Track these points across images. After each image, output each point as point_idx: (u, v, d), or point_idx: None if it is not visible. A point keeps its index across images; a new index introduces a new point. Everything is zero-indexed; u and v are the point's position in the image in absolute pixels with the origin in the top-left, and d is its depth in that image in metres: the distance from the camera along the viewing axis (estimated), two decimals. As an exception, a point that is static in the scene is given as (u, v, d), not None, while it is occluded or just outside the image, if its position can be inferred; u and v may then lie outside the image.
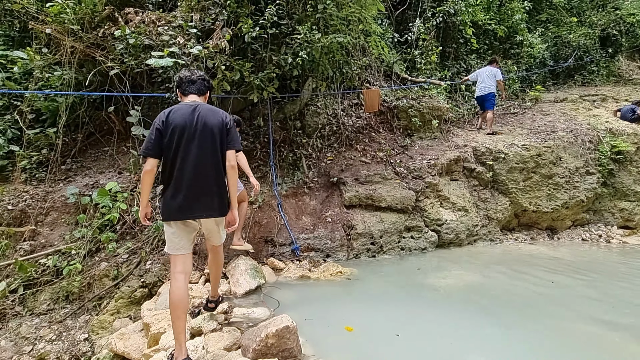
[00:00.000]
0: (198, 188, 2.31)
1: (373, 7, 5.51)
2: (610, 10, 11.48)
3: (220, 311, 2.94)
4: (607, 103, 9.64)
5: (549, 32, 11.14)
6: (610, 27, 10.86)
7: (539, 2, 11.52)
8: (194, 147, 2.29)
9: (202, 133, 2.32)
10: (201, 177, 2.31)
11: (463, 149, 6.35)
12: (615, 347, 2.71)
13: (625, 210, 6.83)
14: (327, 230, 4.85)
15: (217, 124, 2.36)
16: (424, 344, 2.72)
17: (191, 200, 2.30)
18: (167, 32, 4.65)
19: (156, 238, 4.17)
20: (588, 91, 10.35)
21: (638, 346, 2.70)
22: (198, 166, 2.30)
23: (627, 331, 2.91)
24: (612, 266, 4.99)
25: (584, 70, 11.22)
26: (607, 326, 3.01)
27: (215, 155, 2.35)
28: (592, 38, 10.83)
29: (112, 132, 5.23)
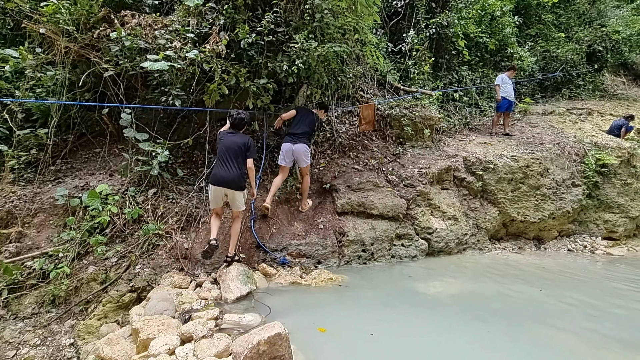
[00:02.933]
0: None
1: (369, 18, 5.60)
2: (597, 27, 11.87)
3: (210, 317, 2.93)
4: (593, 117, 9.93)
5: (538, 46, 11.44)
6: (596, 43, 11.22)
7: (528, 17, 11.84)
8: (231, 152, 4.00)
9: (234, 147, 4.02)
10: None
11: (454, 159, 6.46)
12: (596, 357, 2.78)
13: (609, 222, 7.02)
14: (318, 237, 4.86)
15: (242, 144, 4.02)
16: (416, 351, 2.75)
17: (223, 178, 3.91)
18: (163, 36, 4.66)
19: (146, 242, 4.13)
20: (575, 105, 10.65)
21: (618, 356, 2.77)
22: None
23: (608, 340, 2.99)
24: (596, 277, 5.12)
25: (571, 84, 11.55)
26: (589, 335, 3.09)
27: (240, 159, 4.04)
28: (579, 53, 11.18)
29: (104, 134, 5.18)
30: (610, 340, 3.00)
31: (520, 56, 10.19)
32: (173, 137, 5.27)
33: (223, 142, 4.03)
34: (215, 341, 2.51)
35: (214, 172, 3.94)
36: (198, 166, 5.24)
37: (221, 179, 3.87)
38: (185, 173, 5.13)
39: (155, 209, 4.47)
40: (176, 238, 4.23)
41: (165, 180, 4.80)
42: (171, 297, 3.32)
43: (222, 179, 3.87)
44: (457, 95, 8.68)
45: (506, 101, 7.75)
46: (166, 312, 3.08)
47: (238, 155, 3.97)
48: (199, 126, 5.33)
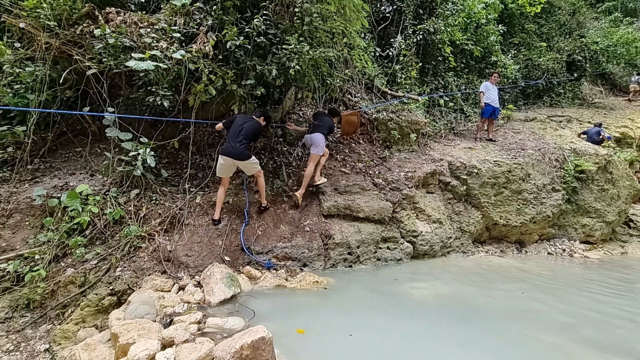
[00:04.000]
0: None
1: (357, 22, 5.64)
2: (576, 37, 12.31)
3: (193, 321, 2.88)
4: (572, 124, 10.27)
5: (521, 54, 11.77)
6: (575, 53, 11.63)
7: (512, 26, 12.17)
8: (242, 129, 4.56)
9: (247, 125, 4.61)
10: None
11: (439, 163, 6.56)
12: (578, 357, 2.85)
13: (586, 226, 7.25)
14: (304, 240, 4.85)
15: (254, 124, 4.66)
16: (401, 353, 2.76)
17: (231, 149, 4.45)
18: (149, 35, 4.58)
19: (128, 244, 4.04)
20: (555, 112, 10.99)
21: (594, 355, 2.85)
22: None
23: (585, 343, 3.07)
24: (575, 279, 5.26)
25: (552, 92, 11.92)
26: (568, 337, 3.17)
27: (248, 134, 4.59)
28: (559, 62, 11.56)
29: (86, 133, 5.05)
30: (587, 342, 3.08)
31: (504, 64, 10.46)
32: (158, 137, 5.18)
33: (237, 120, 4.62)
34: (197, 346, 2.46)
35: (225, 145, 4.58)
36: (183, 167, 5.17)
37: (230, 152, 4.44)
38: (169, 174, 5.04)
39: (137, 210, 4.38)
40: (159, 240, 4.14)
41: (149, 181, 4.71)
42: (152, 301, 3.24)
43: (231, 153, 4.43)
44: (443, 101, 8.83)
45: (490, 107, 7.94)
46: (147, 316, 3.01)
47: (248, 136, 4.55)
48: (184, 127, 5.26)
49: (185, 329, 2.70)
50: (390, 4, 8.48)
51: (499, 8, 10.81)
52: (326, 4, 5.16)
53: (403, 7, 8.38)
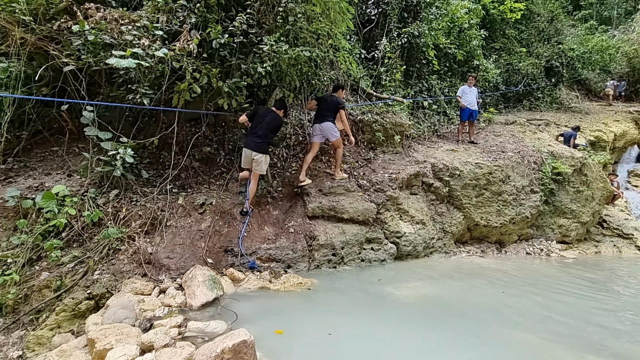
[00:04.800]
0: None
1: (342, 24, 5.68)
2: (554, 44, 12.73)
3: (173, 325, 2.83)
4: (550, 128, 10.61)
5: (502, 59, 12.09)
6: (553, 59, 12.03)
7: (493, 31, 12.48)
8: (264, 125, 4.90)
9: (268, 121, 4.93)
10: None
11: (422, 165, 6.66)
12: (554, 354, 2.93)
13: (563, 227, 7.50)
14: (289, 241, 4.84)
15: (275, 120, 5.00)
16: (380, 352, 2.79)
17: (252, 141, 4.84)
18: (130, 32, 4.48)
19: (107, 246, 3.93)
20: (534, 116, 11.34)
21: (570, 353, 2.95)
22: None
23: (561, 340, 3.17)
24: (551, 278, 5.43)
25: (531, 97, 12.29)
26: (545, 335, 3.26)
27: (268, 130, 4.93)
28: (538, 67, 11.93)
29: (63, 132, 4.90)
30: (562, 340, 3.18)
31: (486, 68, 10.72)
32: (139, 136, 5.07)
33: (258, 114, 4.93)
34: (178, 350, 2.42)
35: (246, 139, 4.93)
36: (165, 167, 5.07)
37: (250, 145, 4.81)
38: (150, 174, 4.94)
39: (117, 212, 4.27)
40: (139, 242, 4.05)
41: (129, 182, 4.60)
42: (132, 305, 3.17)
43: (251, 146, 4.80)
44: (427, 103, 8.97)
45: (467, 110, 8.11)
46: (126, 320, 2.94)
47: (268, 132, 4.90)
48: (166, 126, 5.16)
49: (165, 333, 2.65)
50: (376, 7, 8.56)
51: (481, 13, 11.07)
52: (311, 5, 5.17)
53: (388, 10, 8.47)
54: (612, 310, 4.07)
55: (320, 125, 5.58)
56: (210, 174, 5.39)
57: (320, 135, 5.64)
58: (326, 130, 5.54)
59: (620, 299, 4.61)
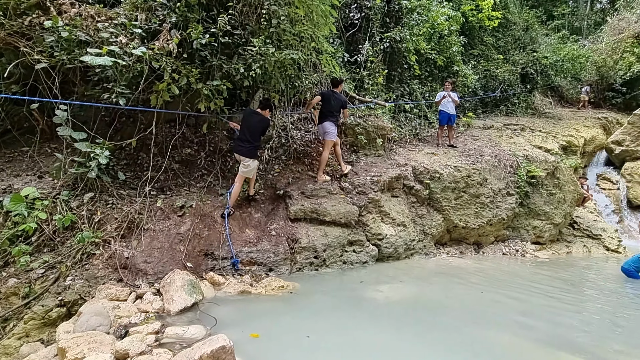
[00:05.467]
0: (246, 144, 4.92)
1: (325, 27, 5.71)
2: (529, 52, 13.22)
3: (150, 331, 2.75)
4: (525, 132, 10.99)
5: (480, 65, 12.45)
6: (528, 66, 12.48)
7: (472, 38, 12.85)
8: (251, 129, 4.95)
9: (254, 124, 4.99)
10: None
11: (404, 168, 6.76)
12: (529, 352, 3.03)
13: (537, 228, 7.77)
14: (271, 244, 4.80)
15: (262, 122, 5.04)
16: (357, 354, 2.80)
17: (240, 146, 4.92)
18: (107, 29, 4.36)
19: (80, 251, 3.79)
20: (510, 120, 11.72)
21: (543, 351, 3.05)
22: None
23: (536, 338, 3.27)
24: (526, 278, 5.60)
25: (507, 102, 12.70)
26: (521, 334, 3.36)
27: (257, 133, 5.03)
28: (514, 74, 12.35)
29: (34, 131, 4.69)
30: (536, 338, 3.28)
31: (465, 73, 11.00)
32: (116, 137, 4.93)
33: (245, 118, 5.01)
34: (154, 358, 2.36)
35: (235, 144, 5.06)
36: (143, 169, 4.94)
37: (238, 150, 4.91)
38: (128, 176, 4.81)
39: (91, 215, 4.13)
40: (115, 246, 3.93)
41: (105, 184, 4.46)
42: (106, 311, 3.06)
43: (239, 151, 4.90)
44: (408, 107, 9.12)
45: (445, 115, 8.31)
46: (100, 327, 2.84)
47: (256, 136, 4.96)
48: (145, 127, 5.03)
49: (141, 340, 2.58)
50: (359, 11, 8.64)
51: (461, 21, 11.36)
52: (294, 8, 5.18)
53: (371, 15, 8.57)
54: (583, 309, 4.24)
55: (322, 125, 5.82)
56: (190, 176, 5.30)
57: (322, 134, 5.89)
58: (327, 129, 5.76)
59: (590, 299, 4.81)
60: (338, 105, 5.84)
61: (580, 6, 24.38)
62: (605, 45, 17.26)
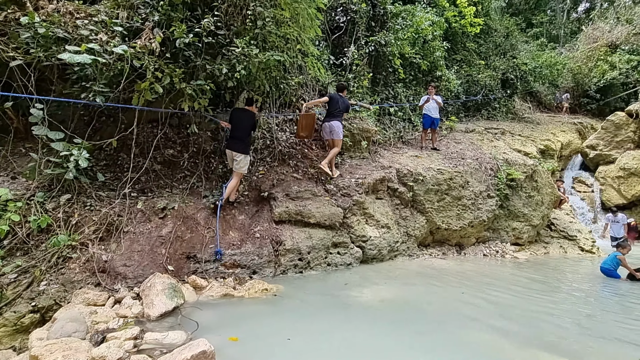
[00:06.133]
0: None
1: (311, 30, 5.72)
2: (509, 58, 13.59)
3: (128, 337, 2.68)
4: (505, 136, 11.29)
5: (463, 70, 12.73)
6: (509, 72, 12.83)
7: (455, 43, 13.13)
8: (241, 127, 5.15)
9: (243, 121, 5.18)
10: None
11: (388, 170, 6.84)
12: (507, 352, 3.10)
13: (516, 230, 7.99)
14: (255, 246, 4.77)
15: (250, 119, 5.22)
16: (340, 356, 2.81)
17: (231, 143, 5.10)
18: (86, 26, 4.24)
19: (56, 254, 3.66)
20: (491, 125, 12.02)
21: (522, 351, 3.13)
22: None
23: (514, 337, 3.36)
24: (506, 278, 5.75)
25: (489, 107, 13.03)
26: (499, 333, 3.44)
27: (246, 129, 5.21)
28: (495, 79, 12.67)
29: (7, 130, 4.51)
30: (514, 337, 3.37)
31: (448, 78, 11.23)
32: (95, 137, 4.80)
33: (235, 117, 5.18)
34: (133, 364, 2.31)
35: (228, 142, 5.18)
36: (123, 170, 4.83)
37: (231, 146, 5.07)
38: (107, 177, 4.68)
39: (68, 217, 4.00)
40: (93, 250, 3.82)
41: (83, 185, 4.33)
42: (83, 317, 2.98)
43: (231, 147, 5.05)
44: (393, 110, 9.24)
45: (429, 118, 8.45)
46: (75, 334, 2.75)
47: (245, 133, 5.15)
48: (126, 127, 4.92)
49: (119, 346, 2.52)
50: (345, 15, 8.71)
51: (444, 26, 11.59)
52: (280, 10, 5.17)
53: (356, 18, 8.65)
54: (559, 308, 4.37)
55: (330, 124, 6.05)
56: (172, 178, 5.20)
57: (329, 132, 6.12)
58: (336, 128, 6.02)
59: (566, 299, 4.97)
60: (344, 107, 6.19)
61: (557, 15, 25.28)
62: (581, 53, 17.96)
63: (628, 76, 16.00)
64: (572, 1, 25.74)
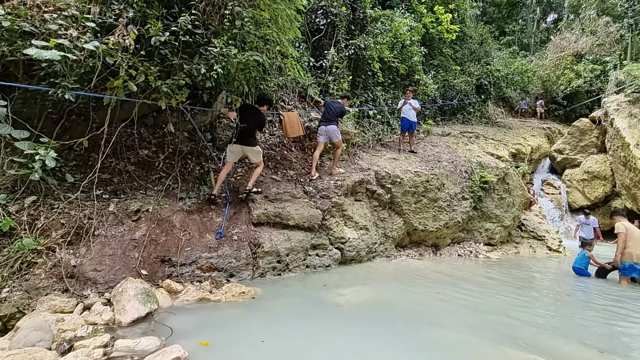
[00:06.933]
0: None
1: (290, 32, 5.71)
2: (483, 64, 14.10)
3: (98, 345, 2.58)
4: (479, 140, 11.68)
5: (439, 75, 13.09)
6: (482, 78, 13.31)
7: (432, 49, 13.48)
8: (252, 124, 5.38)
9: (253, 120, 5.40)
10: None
11: (367, 172, 6.92)
12: (479, 349, 3.20)
13: (488, 230, 8.28)
14: (232, 249, 4.70)
15: (259, 118, 5.45)
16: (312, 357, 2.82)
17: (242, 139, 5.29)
18: (55, 21, 4.06)
19: (19, 260, 3.47)
20: (466, 128, 12.41)
21: (491, 347, 3.24)
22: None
23: (487, 336, 3.46)
24: (479, 278, 5.95)
25: (464, 111, 13.45)
26: (472, 332, 3.54)
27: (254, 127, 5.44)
28: (470, 85, 13.10)
29: (-34, 128, 4.24)
30: (487, 335, 3.48)
31: (426, 82, 11.51)
32: (64, 136, 4.59)
33: (244, 114, 5.35)
34: (102, 373, 2.22)
35: (238, 136, 5.30)
36: (95, 171, 4.63)
37: (241, 141, 5.27)
38: (77, 179, 4.49)
39: (34, 221, 3.80)
40: (61, 254, 3.65)
41: (50, 187, 4.13)
42: (48, 325, 2.83)
43: (241, 142, 5.26)
44: (372, 113, 9.37)
45: (406, 122, 8.63)
46: (40, 343, 2.62)
47: (254, 129, 5.40)
48: (98, 126, 4.73)
49: (87, 355, 2.42)
50: (325, 17, 8.76)
51: (422, 32, 11.89)
52: (259, 10, 5.13)
53: (336, 21, 8.72)
54: (529, 306, 4.56)
55: (326, 127, 6.47)
56: (147, 179, 5.06)
57: (325, 136, 6.52)
58: (331, 132, 6.47)
59: (535, 296, 5.20)
60: (338, 112, 6.57)
61: (528, 24, 26.44)
62: (549, 61, 18.87)
63: (592, 84, 16.96)
64: (542, 12, 27.00)
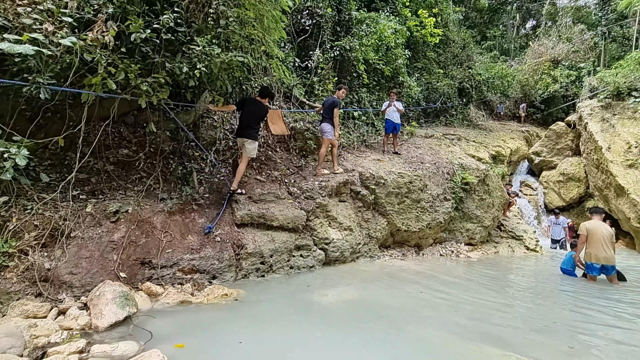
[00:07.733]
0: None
1: (276, 32, 5.69)
2: (466, 68, 14.41)
3: (73, 351, 2.50)
4: (461, 142, 11.93)
5: (423, 78, 13.30)
6: (464, 81, 13.60)
7: (416, 52, 13.69)
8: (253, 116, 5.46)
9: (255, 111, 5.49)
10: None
11: (351, 173, 6.96)
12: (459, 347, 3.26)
13: (469, 230, 8.46)
14: (215, 250, 4.64)
15: (261, 110, 5.52)
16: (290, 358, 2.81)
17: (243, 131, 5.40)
18: (29, 15, 3.91)
19: (-11, 263, 3.33)
20: (448, 131, 12.65)
21: (469, 344, 3.32)
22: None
23: (468, 334, 3.53)
24: (461, 277, 6.07)
25: (447, 113, 13.71)
26: (454, 331, 3.61)
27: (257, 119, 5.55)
28: (452, 88, 13.37)
29: None
30: (467, 333, 3.56)
31: (410, 85, 11.67)
32: (39, 134, 4.43)
33: (247, 107, 5.47)
34: (77, 380, 2.16)
35: (238, 129, 5.50)
36: (71, 171, 4.49)
37: (240, 134, 5.40)
38: (52, 178, 4.34)
39: (5, 222, 3.65)
40: (34, 257, 3.52)
41: (23, 187, 3.98)
42: (20, 331, 2.73)
43: (241, 134, 5.38)
44: (357, 114, 9.43)
45: (391, 123, 8.72)
46: (11, 350, 2.52)
47: (254, 122, 5.45)
48: (75, 124, 4.58)
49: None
50: (310, 18, 8.77)
51: (406, 35, 12.05)
52: (244, 10, 5.09)
53: (322, 22, 8.74)
54: (508, 304, 4.69)
55: (320, 125, 6.75)
56: (127, 179, 4.93)
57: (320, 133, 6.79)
58: (321, 130, 6.70)
59: (513, 294, 5.35)
60: (328, 105, 6.65)
61: (508, 30, 27.22)
62: (528, 66, 19.49)
63: (568, 89, 17.63)
64: (521, 18, 27.85)
